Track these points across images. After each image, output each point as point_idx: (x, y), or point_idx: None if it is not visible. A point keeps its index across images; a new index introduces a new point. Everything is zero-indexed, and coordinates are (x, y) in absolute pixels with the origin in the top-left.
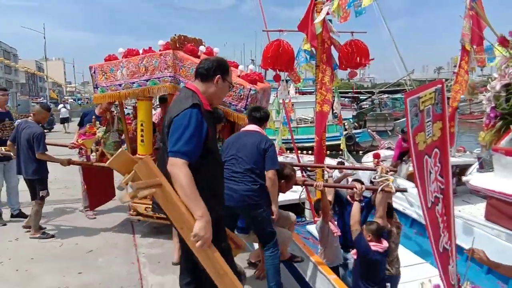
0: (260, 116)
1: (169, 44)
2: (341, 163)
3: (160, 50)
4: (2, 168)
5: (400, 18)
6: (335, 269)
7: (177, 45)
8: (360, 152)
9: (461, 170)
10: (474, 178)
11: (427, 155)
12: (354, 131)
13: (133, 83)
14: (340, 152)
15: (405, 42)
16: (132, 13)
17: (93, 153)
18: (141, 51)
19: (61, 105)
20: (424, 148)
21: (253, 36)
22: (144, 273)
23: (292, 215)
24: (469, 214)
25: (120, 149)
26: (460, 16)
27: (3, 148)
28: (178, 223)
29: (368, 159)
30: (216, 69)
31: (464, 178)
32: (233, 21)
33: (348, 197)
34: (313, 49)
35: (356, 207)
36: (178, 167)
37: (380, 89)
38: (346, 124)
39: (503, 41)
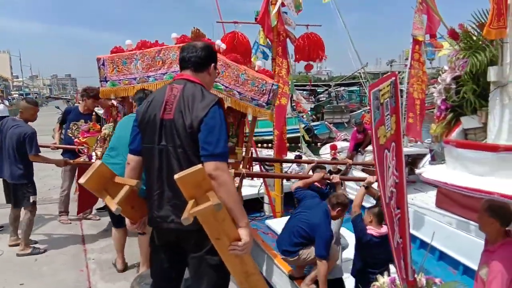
0: None
1: (185, 36)
2: (299, 156)
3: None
4: None
5: (353, 11)
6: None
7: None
8: (319, 144)
9: (413, 159)
10: (427, 170)
11: (386, 149)
12: (312, 123)
13: (149, 76)
14: (299, 144)
15: (359, 35)
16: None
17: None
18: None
19: None
20: (385, 142)
21: (210, 28)
22: (94, 280)
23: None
24: (421, 201)
25: (98, 162)
26: (412, 7)
27: None
28: (216, 233)
29: (325, 151)
30: (210, 57)
31: (417, 171)
32: (187, 11)
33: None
34: (269, 41)
35: (361, 193)
36: (226, 171)
37: (337, 82)
38: (304, 116)
39: (453, 34)
